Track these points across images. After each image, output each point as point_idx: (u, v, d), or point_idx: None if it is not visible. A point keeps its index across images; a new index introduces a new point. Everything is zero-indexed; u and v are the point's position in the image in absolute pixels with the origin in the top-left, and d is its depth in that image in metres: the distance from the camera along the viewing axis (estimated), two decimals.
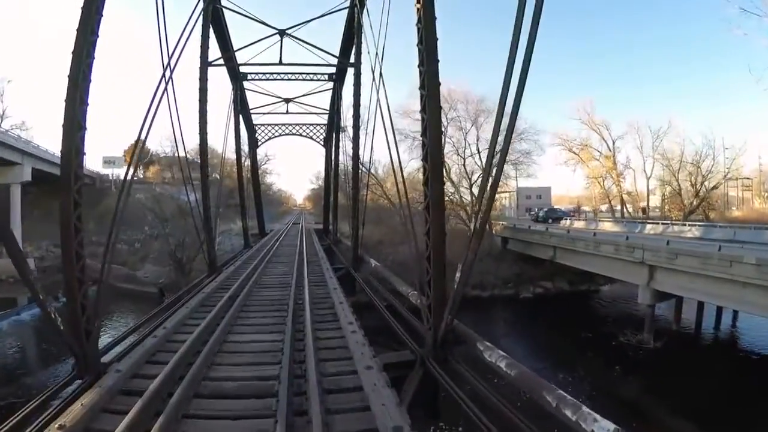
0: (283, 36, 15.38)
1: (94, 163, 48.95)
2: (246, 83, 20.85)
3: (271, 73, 19.31)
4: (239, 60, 18.24)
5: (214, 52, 15.77)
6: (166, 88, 8.18)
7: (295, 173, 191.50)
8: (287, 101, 23.82)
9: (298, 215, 65.39)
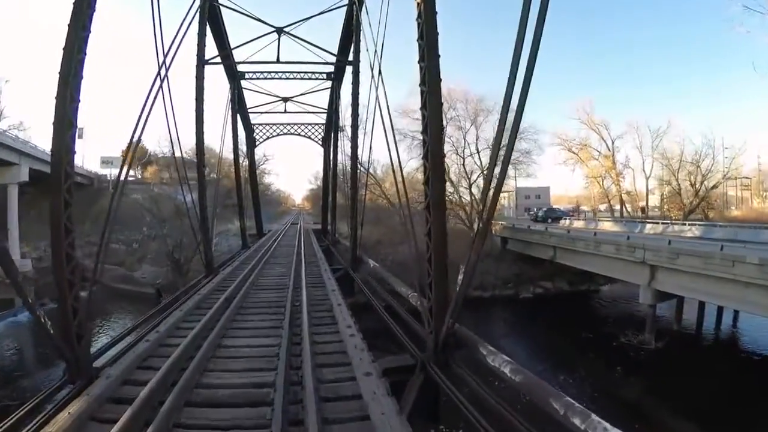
0: (280, 34, 15.20)
1: (92, 164, 48.77)
2: (244, 82, 20.66)
3: (269, 71, 19.13)
4: (236, 58, 18.07)
5: (211, 51, 15.64)
6: (161, 86, 8.02)
7: (293, 173, 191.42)
8: (285, 100, 23.63)
9: (296, 215, 65.20)
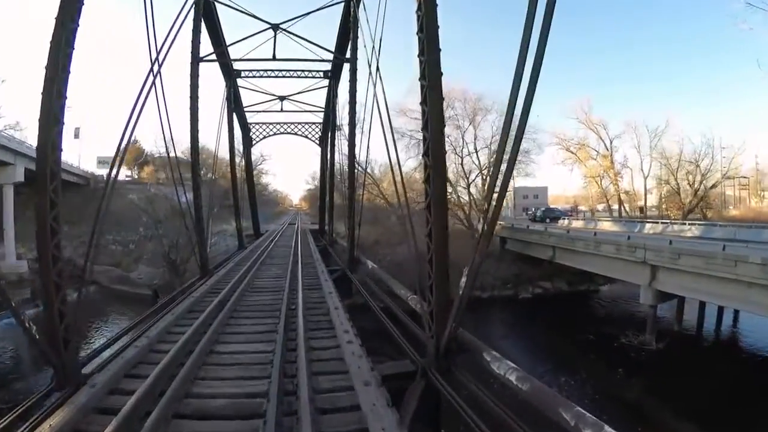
0: (276, 31, 14.94)
1: (89, 164, 48.37)
2: (240, 81, 20.41)
3: (266, 70, 18.87)
4: (232, 56, 17.79)
5: (207, 48, 15.37)
6: (153, 83, 7.78)
7: (291, 174, 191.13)
8: (282, 99, 23.36)
9: (294, 216, 64.93)
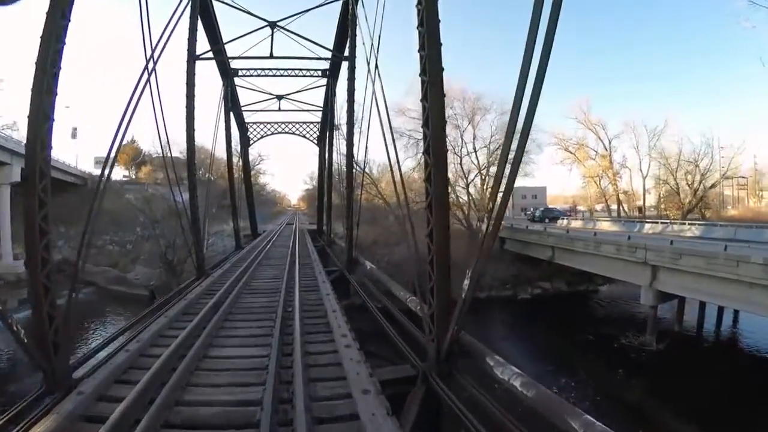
0: (274, 28, 14.75)
1: (86, 164, 48.10)
2: (237, 79, 20.20)
3: (263, 69, 18.68)
4: (229, 54, 17.59)
5: (204, 46, 15.19)
6: (148, 80, 7.59)
7: (289, 174, 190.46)
8: (279, 98, 23.15)
9: (292, 216, 64.69)
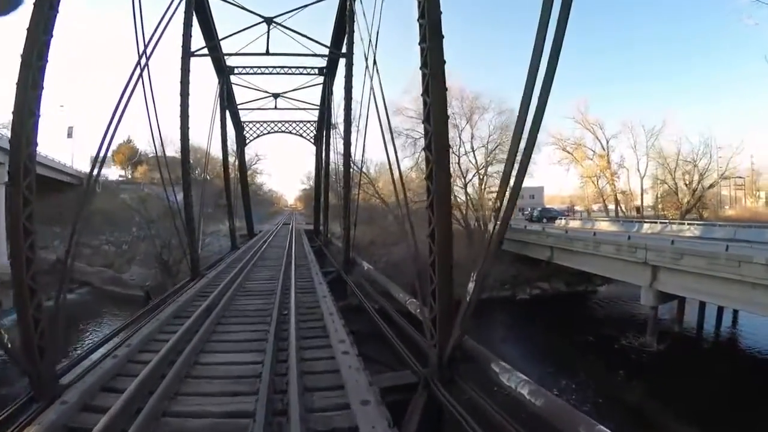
0: (270, 25, 14.50)
1: (83, 164, 47.60)
2: (233, 78, 19.93)
3: (259, 66, 18.43)
4: (224, 51, 17.32)
5: (199, 43, 14.91)
6: (141, 76, 7.34)
7: (286, 174, 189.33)
8: (276, 96, 22.89)
9: (288, 216, 64.39)
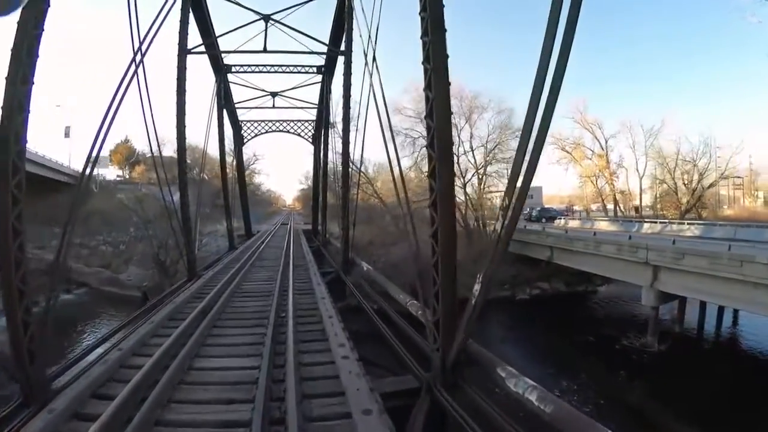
0: (268, 22, 14.31)
1: (81, 164, 47.19)
2: (230, 76, 19.74)
3: (257, 65, 18.24)
4: (221, 50, 17.12)
5: (196, 40, 14.73)
6: (136, 73, 7.16)
7: (284, 174, 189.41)
8: (274, 95, 22.68)
9: (287, 216, 64.24)
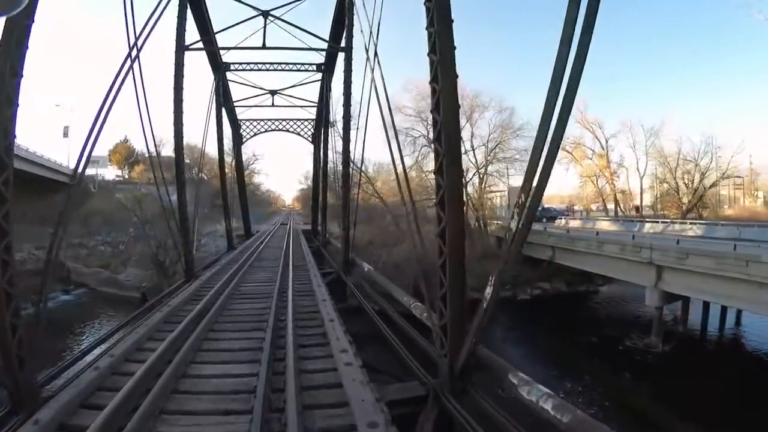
0: (266, 17, 14.09)
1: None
2: (229, 74, 19.50)
3: (256, 63, 18.01)
4: (220, 47, 16.86)
5: (193, 37, 14.51)
6: (131, 68, 6.94)
7: (284, 174, 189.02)
8: (273, 94, 22.44)
9: (286, 216, 64.03)
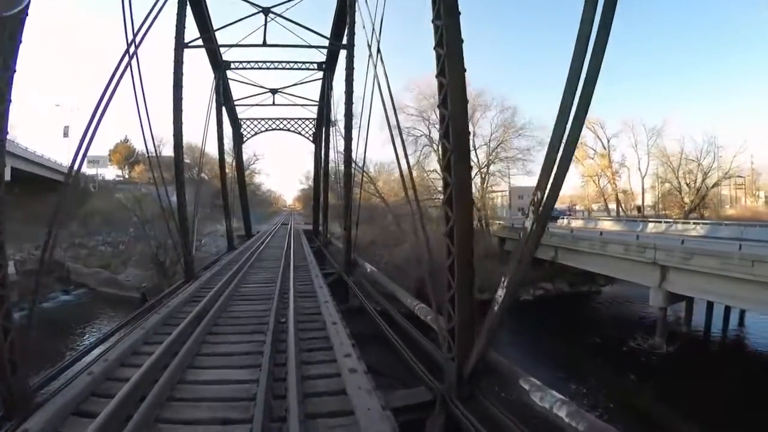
0: (267, 14, 13.93)
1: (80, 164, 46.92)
2: (230, 73, 19.33)
3: (256, 61, 17.86)
4: (220, 45, 16.70)
5: (192, 34, 14.35)
6: (129, 65, 6.77)
7: (284, 174, 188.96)
8: (274, 92, 22.26)
9: (287, 216, 63.94)
